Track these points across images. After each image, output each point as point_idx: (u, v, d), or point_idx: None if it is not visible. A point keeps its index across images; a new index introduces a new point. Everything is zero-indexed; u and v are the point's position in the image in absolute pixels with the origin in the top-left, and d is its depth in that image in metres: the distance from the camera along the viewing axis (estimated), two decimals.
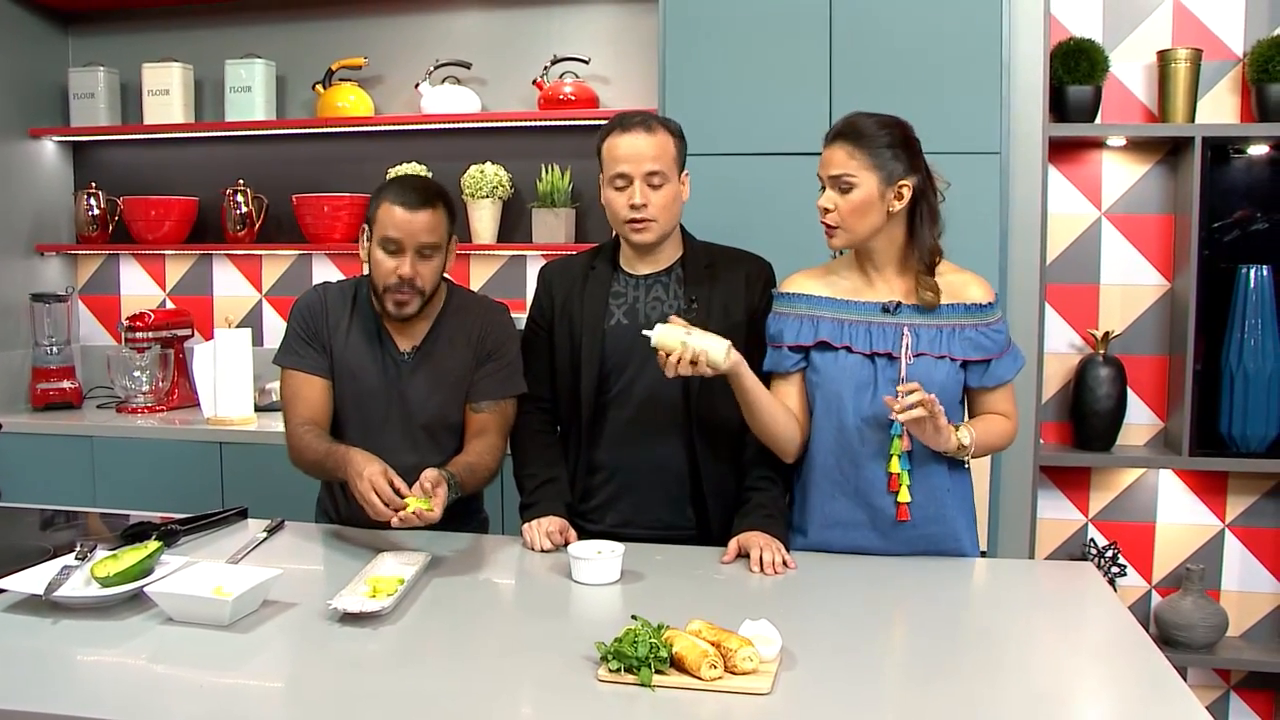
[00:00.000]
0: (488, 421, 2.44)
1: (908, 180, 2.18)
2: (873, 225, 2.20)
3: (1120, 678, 1.72)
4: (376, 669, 1.68)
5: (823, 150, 2.23)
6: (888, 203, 2.18)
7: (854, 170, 2.16)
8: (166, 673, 1.67)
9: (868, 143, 2.16)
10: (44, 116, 4.26)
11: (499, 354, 2.47)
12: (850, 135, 2.18)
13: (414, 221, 2.31)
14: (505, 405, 2.47)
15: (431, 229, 2.33)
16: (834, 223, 2.21)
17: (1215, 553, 3.60)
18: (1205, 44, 3.44)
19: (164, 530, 2.29)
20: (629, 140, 2.34)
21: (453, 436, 2.47)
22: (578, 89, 3.83)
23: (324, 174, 4.11)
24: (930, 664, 1.75)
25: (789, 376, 2.31)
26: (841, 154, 2.17)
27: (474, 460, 2.35)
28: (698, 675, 1.58)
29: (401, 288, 2.33)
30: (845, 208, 2.18)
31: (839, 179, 2.17)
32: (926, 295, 2.22)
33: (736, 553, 2.24)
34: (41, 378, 4.10)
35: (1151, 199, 3.57)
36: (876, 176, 2.16)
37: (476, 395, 2.46)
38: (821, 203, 2.21)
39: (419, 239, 2.32)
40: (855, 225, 2.19)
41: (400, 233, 2.31)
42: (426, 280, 2.35)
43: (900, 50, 3.16)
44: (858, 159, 2.16)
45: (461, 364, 2.45)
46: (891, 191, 2.17)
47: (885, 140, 2.17)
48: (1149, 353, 3.60)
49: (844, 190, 2.17)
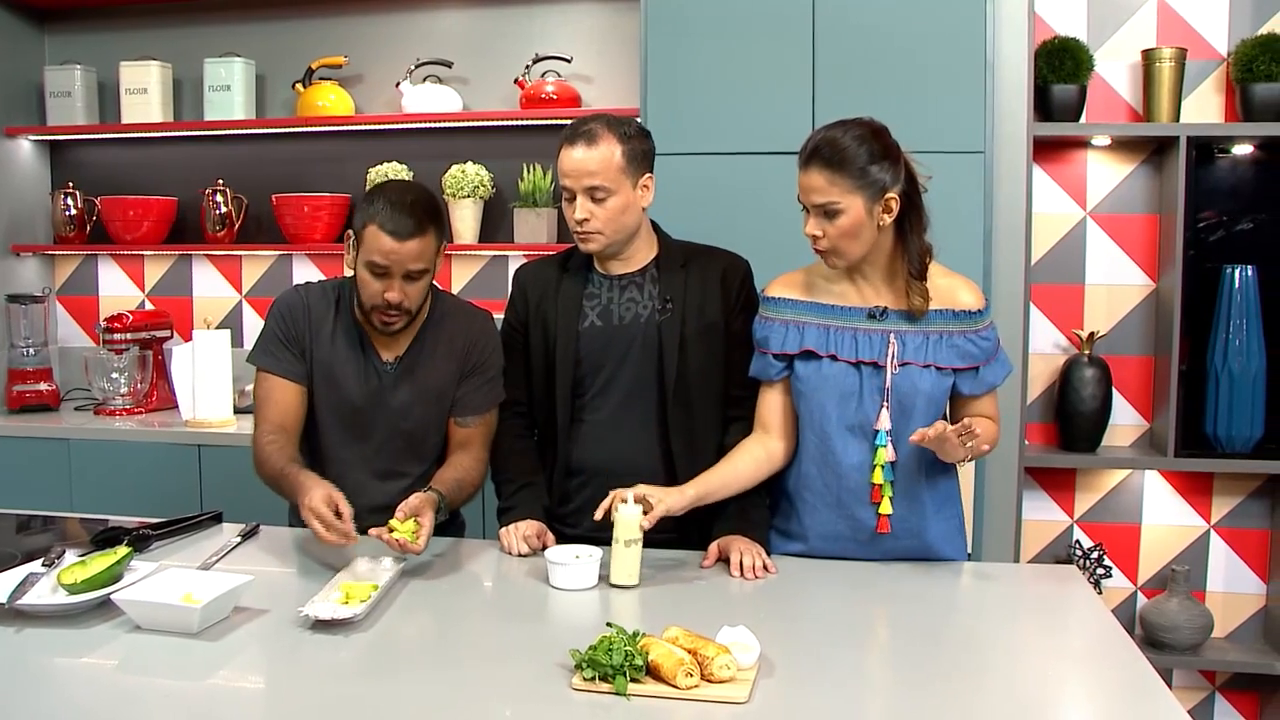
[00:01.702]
0: (472, 435, 2.42)
1: (893, 192, 2.09)
2: (866, 244, 2.12)
3: (1104, 683, 1.70)
4: (347, 677, 1.65)
5: (799, 173, 2.11)
6: (877, 218, 2.10)
7: (837, 196, 2.06)
8: (132, 682, 1.64)
9: (849, 165, 2.06)
10: (20, 115, 4.21)
11: (484, 367, 2.43)
12: (827, 158, 2.06)
13: (402, 251, 2.23)
14: (489, 416, 2.44)
15: (420, 255, 2.26)
16: (825, 248, 2.13)
17: (1200, 554, 3.59)
18: (1190, 43, 3.42)
19: (136, 535, 2.26)
20: (569, 154, 2.32)
21: (433, 446, 2.45)
22: (560, 88, 3.81)
23: (304, 174, 4.07)
24: (912, 671, 1.72)
25: (774, 384, 2.28)
26: (821, 180, 2.07)
27: (460, 476, 2.33)
28: (673, 684, 1.55)
29: (388, 310, 2.29)
30: (835, 234, 2.10)
31: (823, 207, 2.09)
32: (916, 301, 2.15)
33: (716, 557, 2.22)
34: (18, 379, 4.05)
35: (1136, 199, 3.56)
36: (862, 197, 2.07)
37: (461, 409, 2.42)
38: (809, 230, 2.12)
39: (407, 266, 2.25)
40: (848, 248, 2.12)
41: (388, 261, 2.24)
42: (414, 300, 2.31)
43: (883, 49, 3.14)
44: (840, 184, 2.06)
45: (445, 376, 2.42)
46: (879, 206, 2.09)
47: (865, 157, 2.06)
48: (1134, 353, 3.59)
49: (831, 216, 2.09)
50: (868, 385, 2.18)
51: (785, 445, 2.28)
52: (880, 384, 2.16)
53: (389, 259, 2.23)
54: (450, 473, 2.33)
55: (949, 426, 2.06)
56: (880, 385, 2.16)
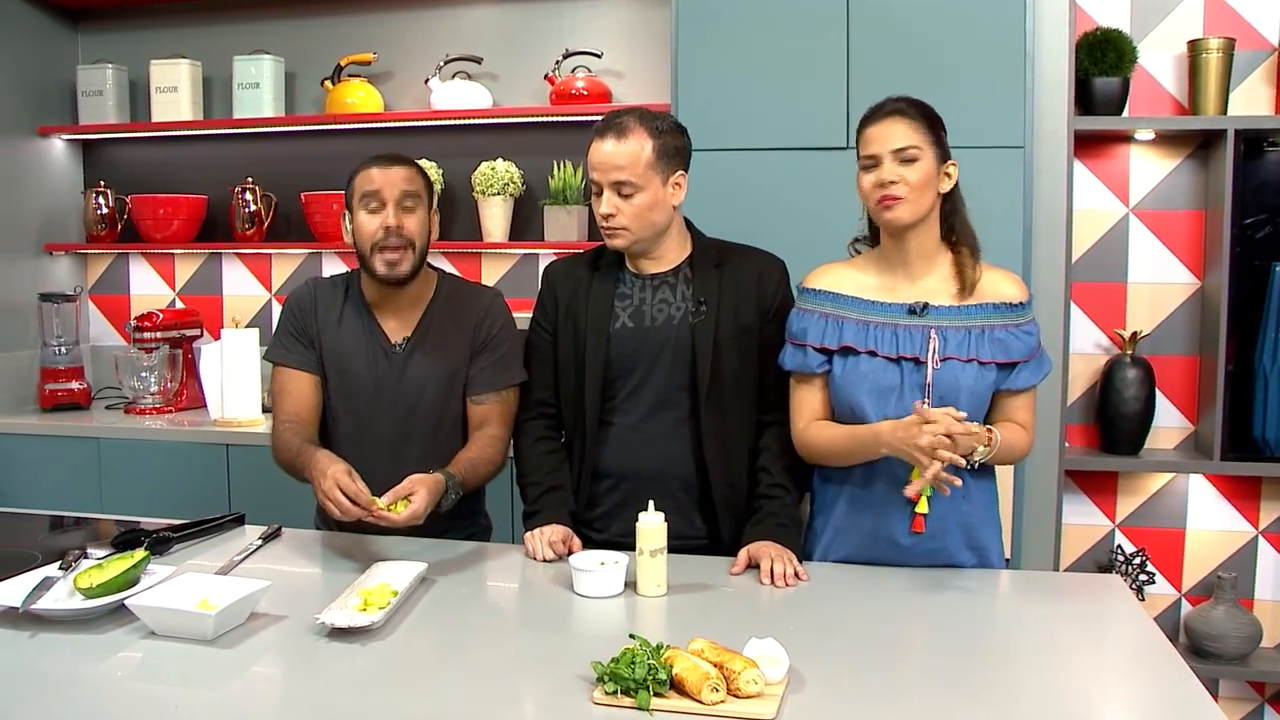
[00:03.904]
0: (489, 413, 2.40)
1: (953, 162, 2.15)
2: (930, 204, 2.13)
3: (1148, 699, 1.63)
4: (362, 688, 1.60)
5: (871, 128, 2.14)
6: (939, 182, 2.13)
7: (919, 143, 2.09)
8: (142, 690, 1.60)
9: (926, 119, 2.12)
10: (53, 114, 4.23)
11: (496, 342, 2.42)
12: (908, 110, 2.12)
13: (390, 173, 2.33)
14: (507, 395, 2.42)
15: (408, 179, 2.34)
16: (901, 194, 2.09)
17: (1248, 560, 3.49)
18: (1238, 33, 3.32)
19: (156, 538, 2.23)
20: (598, 147, 2.28)
21: (452, 429, 2.42)
22: (590, 84, 3.76)
23: (333, 171, 4.02)
24: (947, 687, 1.64)
25: (813, 379, 2.22)
26: (903, 127, 2.10)
27: (475, 455, 2.31)
28: (698, 699, 1.49)
29: (388, 240, 2.31)
30: (914, 178, 2.09)
31: (903, 151, 2.09)
32: (969, 274, 2.15)
33: (746, 563, 2.16)
34: (50, 378, 4.06)
35: (1181, 194, 3.46)
36: (934, 153, 2.11)
37: (476, 387, 2.41)
38: (885, 175, 2.09)
39: (398, 188, 2.32)
40: (921, 199, 2.11)
41: (377, 184, 2.32)
42: (413, 230, 2.34)
43: (920, 41, 3.06)
44: (920, 133, 2.10)
45: (457, 353, 2.40)
46: (942, 171, 2.13)
47: (935, 120, 2.14)
48: (1179, 353, 3.49)
49: (909, 161, 2.09)
50: (908, 381, 2.13)
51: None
52: (921, 380, 2.12)
53: (378, 182, 2.32)
54: (466, 452, 2.33)
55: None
56: (921, 381, 2.12)
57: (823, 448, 2.19)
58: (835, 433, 2.18)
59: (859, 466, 2.17)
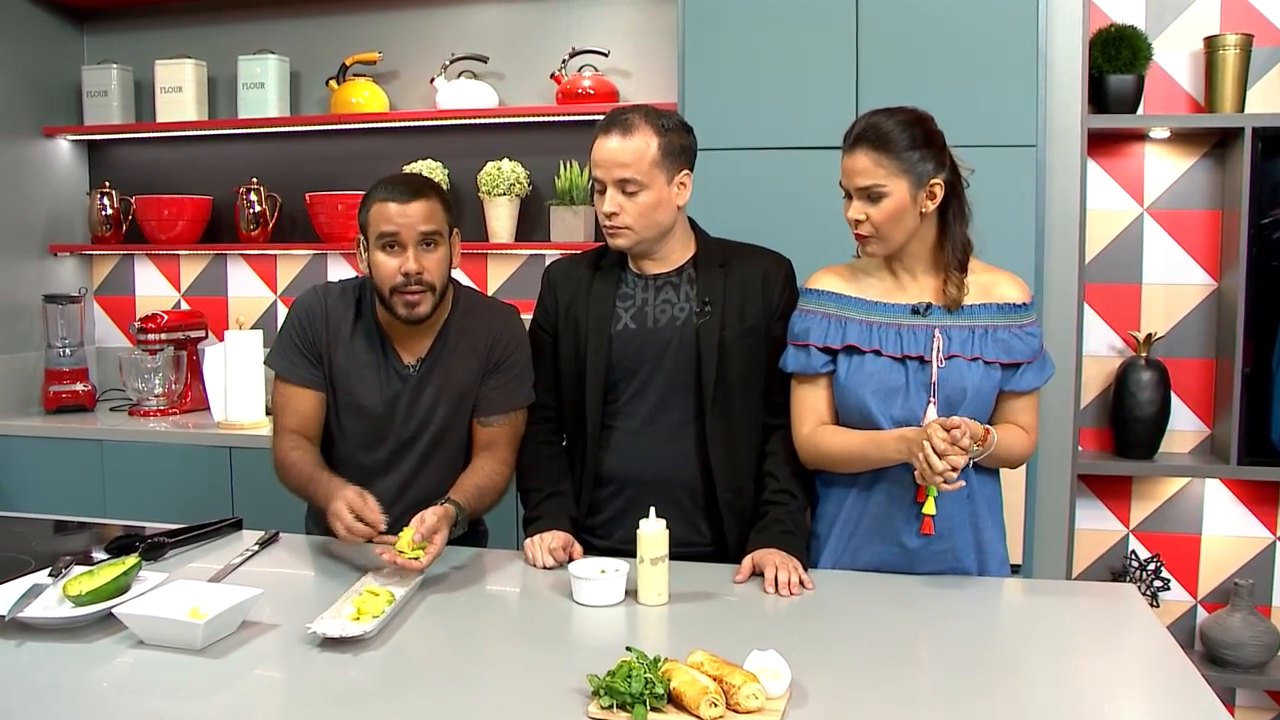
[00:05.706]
0: (497, 435, 2.33)
1: (938, 179, 2.06)
2: (909, 230, 2.08)
3: (1162, 715, 1.58)
4: (353, 698, 1.57)
5: (843, 157, 2.09)
6: (920, 205, 2.06)
7: (882, 179, 2.03)
8: (129, 701, 1.56)
9: (893, 147, 2.03)
10: (58, 115, 4.21)
11: (508, 364, 2.34)
12: (873, 140, 2.04)
13: (408, 211, 2.19)
14: (515, 417, 2.35)
15: (428, 216, 2.20)
16: (868, 233, 2.08)
17: (1265, 566, 3.43)
18: (1256, 29, 3.26)
19: (150, 543, 2.19)
20: (603, 143, 2.23)
21: (456, 450, 2.36)
22: (597, 83, 3.72)
23: (338, 172, 4.02)
24: (955, 702, 1.59)
25: (817, 380, 2.18)
26: (867, 161, 2.04)
27: (483, 482, 2.24)
28: (696, 714, 1.45)
29: (409, 285, 2.20)
30: (878, 217, 2.05)
31: (868, 190, 2.04)
32: (952, 292, 2.11)
33: (750, 571, 2.11)
34: (54, 380, 4.03)
35: (1197, 194, 3.40)
36: (907, 181, 2.03)
37: (485, 409, 2.33)
38: (851, 214, 2.08)
39: (418, 228, 2.19)
40: (891, 233, 2.07)
41: (396, 225, 2.18)
42: (434, 273, 2.22)
43: (930, 38, 3.02)
44: (885, 165, 2.03)
45: (469, 375, 2.33)
46: (923, 193, 2.06)
47: (908, 141, 2.03)
48: (1194, 355, 3.44)
49: (874, 200, 2.04)
50: (913, 380, 2.10)
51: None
52: (926, 379, 2.09)
53: (397, 223, 2.18)
54: (471, 479, 2.23)
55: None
56: (926, 380, 2.09)
57: (835, 453, 2.15)
58: (850, 438, 2.13)
59: (866, 470, 2.13)
